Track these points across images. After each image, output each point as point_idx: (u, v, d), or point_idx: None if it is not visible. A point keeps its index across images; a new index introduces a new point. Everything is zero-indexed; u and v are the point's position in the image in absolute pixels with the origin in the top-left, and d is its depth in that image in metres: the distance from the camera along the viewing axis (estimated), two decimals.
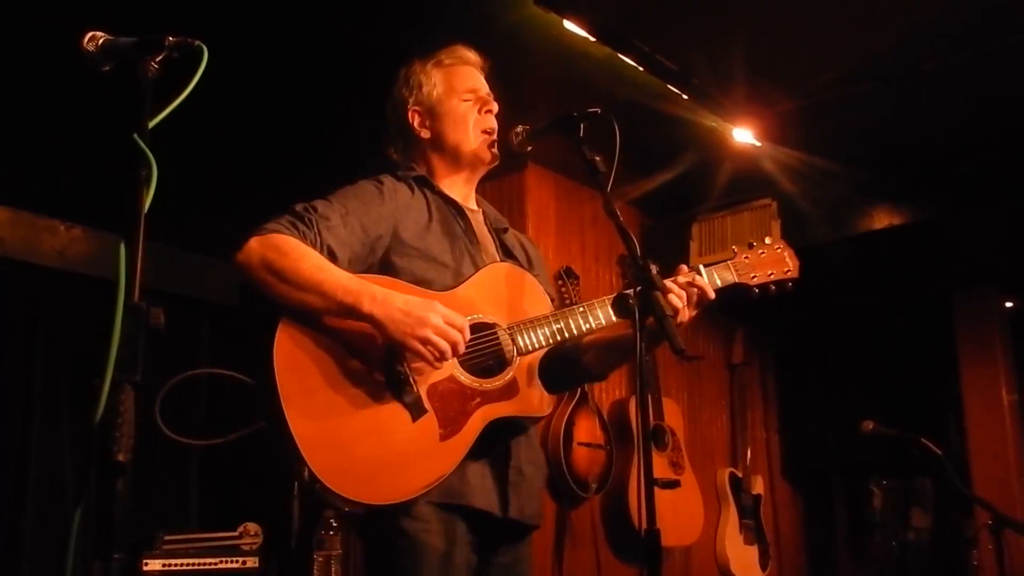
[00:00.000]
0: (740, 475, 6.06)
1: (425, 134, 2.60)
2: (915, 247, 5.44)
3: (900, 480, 6.99)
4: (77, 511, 1.55)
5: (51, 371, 4.75)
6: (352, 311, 2.15)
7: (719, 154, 4.93)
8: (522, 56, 4.00)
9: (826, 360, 6.86)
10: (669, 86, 4.20)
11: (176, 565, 4.04)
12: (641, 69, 4.04)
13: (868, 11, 3.66)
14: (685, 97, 4.31)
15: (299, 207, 2.31)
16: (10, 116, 4.29)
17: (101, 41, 1.85)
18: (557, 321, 2.37)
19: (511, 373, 2.31)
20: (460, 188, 2.62)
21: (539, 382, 2.36)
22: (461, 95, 2.59)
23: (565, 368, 2.53)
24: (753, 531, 5.94)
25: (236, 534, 4.20)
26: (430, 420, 2.20)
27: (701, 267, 2.50)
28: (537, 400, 2.34)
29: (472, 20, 3.74)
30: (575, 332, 2.38)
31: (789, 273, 2.63)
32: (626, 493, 4.95)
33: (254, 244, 2.20)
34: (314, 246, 2.23)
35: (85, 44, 1.84)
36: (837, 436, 6.48)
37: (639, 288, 2.03)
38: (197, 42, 1.83)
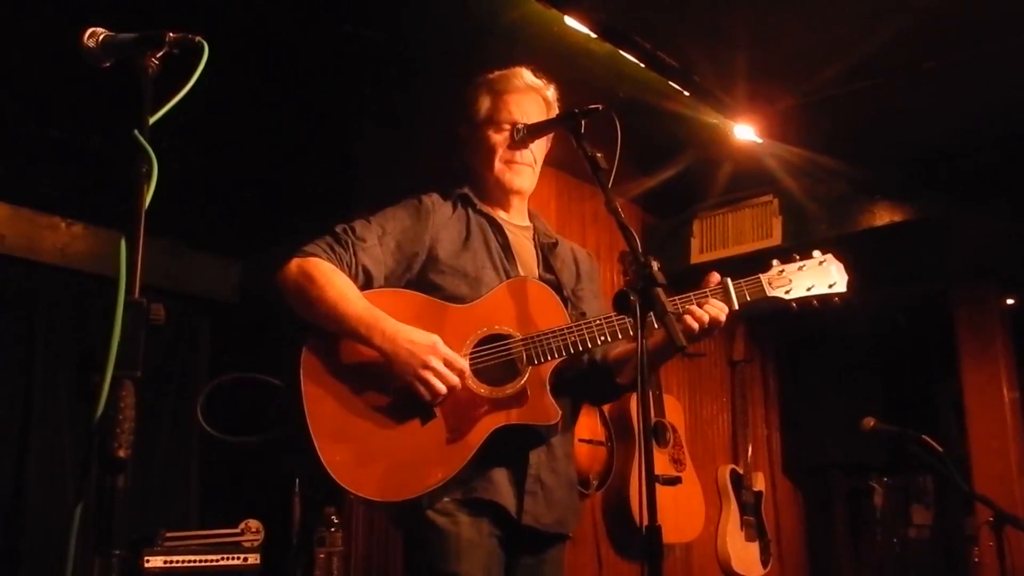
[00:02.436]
0: (741, 472, 6.06)
1: (467, 156, 2.73)
2: (916, 244, 5.43)
3: (901, 477, 7.01)
4: (77, 507, 1.55)
5: (51, 367, 4.74)
6: (365, 342, 2.34)
7: (720, 151, 4.92)
8: (523, 52, 3.98)
9: (827, 357, 6.86)
10: (670, 83, 4.20)
11: (177, 562, 4.03)
12: (642, 66, 4.03)
13: (869, 9, 3.66)
14: (686, 94, 4.30)
15: (339, 228, 2.48)
16: (10, 112, 4.28)
17: (101, 37, 1.85)
18: (571, 334, 2.41)
19: (522, 382, 2.39)
20: (503, 206, 2.71)
21: (550, 392, 2.41)
22: (499, 125, 2.64)
23: (603, 386, 2.65)
24: (754, 528, 5.94)
25: (238, 531, 4.19)
26: (438, 424, 2.34)
27: (729, 282, 2.45)
28: (545, 409, 2.40)
29: (473, 16, 3.74)
30: (588, 345, 2.42)
31: (835, 287, 2.50)
32: (627, 490, 4.95)
33: (293, 267, 2.41)
34: (349, 267, 2.42)
35: (85, 40, 1.84)
36: (838, 433, 6.48)
37: (640, 285, 2.03)
38: (198, 38, 1.83)
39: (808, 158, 4.90)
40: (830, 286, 2.50)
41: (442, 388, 2.30)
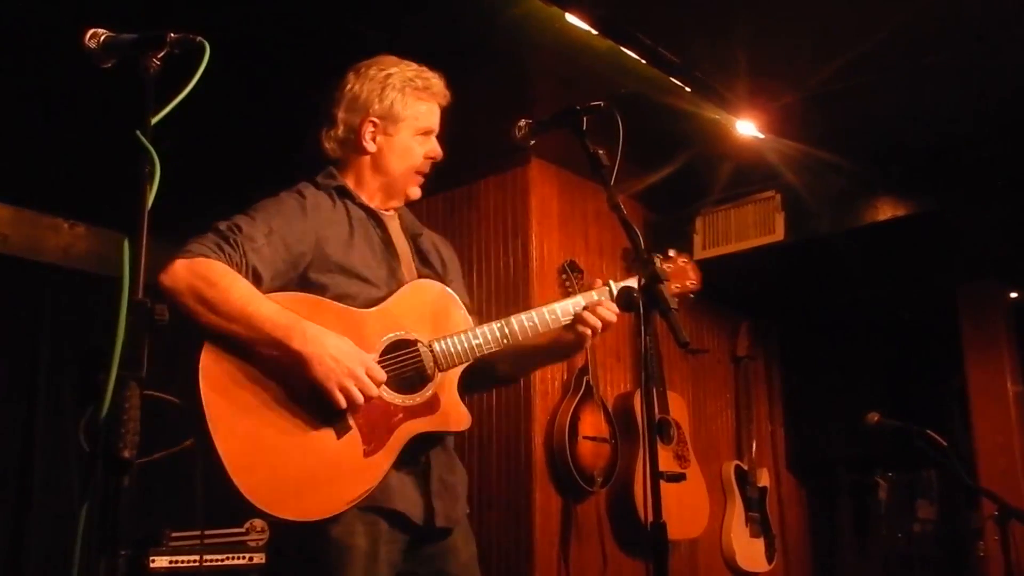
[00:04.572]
0: (745, 468, 6.06)
1: (371, 148, 2.57)
2: (919, 239, 5.43)
3: (905, 472, 7.00)
4: (83, 508, 1.55)
5: (56, 368, 4.76)
6: (280, 346, 2.19)
7: (722, 147, 4.92)
8: (524, 49, 3.99)
9: (831, 353, 6.85)
10: (672, 79, 4.19)
11: (182, 562, 4.04)
12: (644, 62, 4.03)
13: (871, 3, 3.65)
14: (688, 90, 4.30)
15: (223, 225, 2.32)
16: (13, 114, 4.29)
17: (103, 38, 1.85)
18: (476, 337, 2.42)
19: (432, 389, 2.37)
20: (380, 201, 2.63)
21: (459, 397, 2.42)
22: (419, 131, 2.59)
23: (482, 377, 2.62)
24: (759, 524, 5.94)
25: (243, 530, 4.20)
26: (354, 436, 2.25)
27: (612, 283, 2.57)
28: (457, 415, 2.41)
29: (474, 13, 3.74)
30: (493, 347, 2.44)
31: (692, 285, 2.74)
32: (632, 487, 4.95)
33: (180, 269, 2.22)
34: (240, 268, 2.25)
35: (87, 41, 1.84)
36: (842, 428, 6.47)
37: (643, 281, 2.04)
38: (199, 38, 1.83)
39: (810, 153, 4.90)
40: (688, 284, 2.73)
41: (361, 399, 2.21)
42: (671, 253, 2.71)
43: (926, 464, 6.78)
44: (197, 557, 4.07)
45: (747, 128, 4.64)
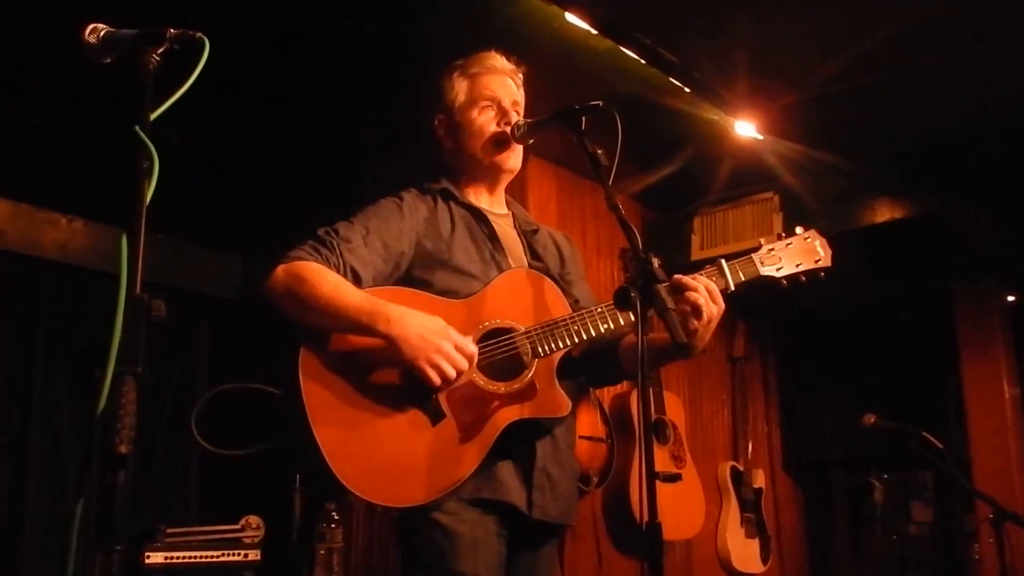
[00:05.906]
0: (741, 468, 6.06)
1: (449, 143, 2.66)
2: (916, 241, 5.43)
3: (901, 474, 7.00)
4: (79, 503, 1.55)
5: (52, 363, 4.74)
6: (369, 331, 2.25)
7: (721, 147, 4.92)
8: (523, 49, 3.96)
9: (827, 354, 6.86)
10: (671, 79, 4.19)
11: (178, 558, 4.04)
12: (643, 62, 4.03)
13: (870, 4, 3.66)
14: (687, 90, 4.30)
15: (321, 231, 2.41)
16: (11, 108, 4.29)
17: (102, 33, 1.85)
18: (575, 323, 2.40)
19: (529, 376, 2.36)
20: (485, 194, 2.68)
21: (558, 384, 2.41)
22: (480, 105, 2.62)
23: (609, 371, 2.61)
24: (754, 524, 5.94)
25: (238, 527, 4.20)
26: (449, 424, 2.29)
27: (723, 262, 2.47)
28: (555, 402, 2.39)
29: (473, 12, 3.74)
30: (592, 335, 2.40)
31: (820, 262, 2.56)
32: (627, 487, 4.94)
33: (279, 272, 2.32)
34: (337, 268, 2.33)
35: (86, 36, 1.85)
36: (838, 430, 6.49)
37: (641, 281, 2.03)
38: (198, 34, 1.83)
39: (809, 154, 4.90)
40: (816, 261, 2.55)
41: (452, 373, 2.24)
42: (797, 230, 2.58)
43: (922, 466, 6.78)
44: (192, 553, 4.07)
45: (746, 129, 4.64)
